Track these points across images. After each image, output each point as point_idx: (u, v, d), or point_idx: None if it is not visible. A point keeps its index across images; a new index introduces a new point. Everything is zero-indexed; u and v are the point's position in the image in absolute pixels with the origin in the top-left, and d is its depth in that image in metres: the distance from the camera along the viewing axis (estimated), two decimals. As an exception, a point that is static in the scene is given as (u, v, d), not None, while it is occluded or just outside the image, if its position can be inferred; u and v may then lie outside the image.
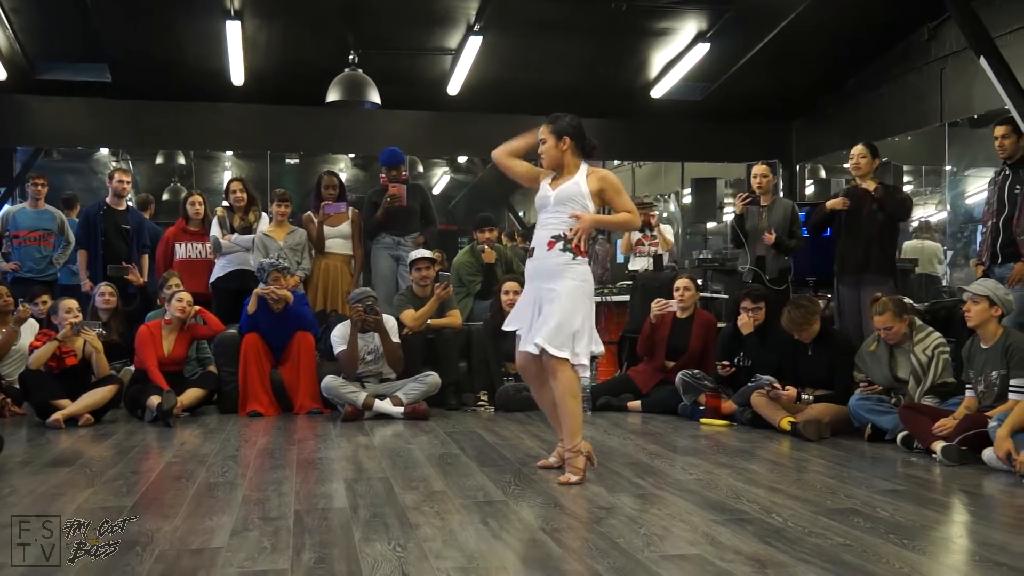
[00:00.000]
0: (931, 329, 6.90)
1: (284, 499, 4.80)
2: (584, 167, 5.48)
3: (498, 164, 5.83)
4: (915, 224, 12.39)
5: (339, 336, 8.05)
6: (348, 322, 8.03)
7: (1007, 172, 7.49)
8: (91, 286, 9.01)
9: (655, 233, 10.26)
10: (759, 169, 9.02)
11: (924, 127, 11.70)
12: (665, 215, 12.21)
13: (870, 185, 7.99)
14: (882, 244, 7.98)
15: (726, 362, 7.85)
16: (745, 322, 7.85)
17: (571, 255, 5.30)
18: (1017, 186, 7.36)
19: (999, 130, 7.47)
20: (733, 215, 9.31)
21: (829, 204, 8.16)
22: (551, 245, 5.35)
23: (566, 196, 5.39)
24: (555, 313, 5.22)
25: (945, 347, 6.76)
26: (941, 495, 5.14)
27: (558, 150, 5.46)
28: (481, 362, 8.67)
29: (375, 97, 11.25)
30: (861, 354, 7.14)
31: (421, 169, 15.70)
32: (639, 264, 10.60)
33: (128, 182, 9.75)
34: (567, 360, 5.17)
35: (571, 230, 5.30)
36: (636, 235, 10.31)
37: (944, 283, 11.19)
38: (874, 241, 7.96)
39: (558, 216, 5.38)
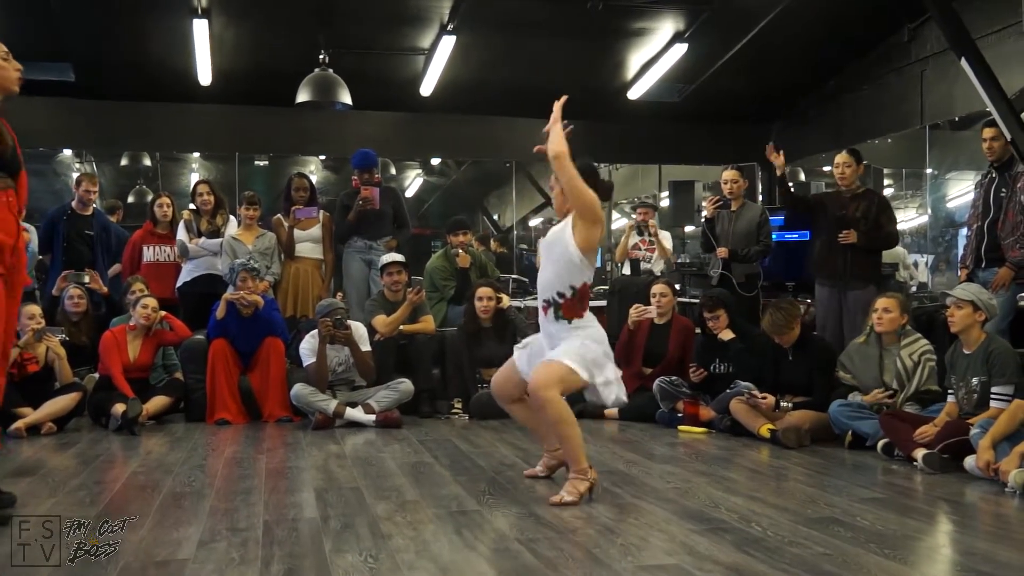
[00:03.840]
0: (919, 335, 6.94)
1: (253, 509, 4.78)
2: None
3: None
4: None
5: (308, 349, 8.02)
6: (316, 334, 8.00)
7: (993, 175, 7.55)
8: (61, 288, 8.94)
9: (652, 239, 10.27)
10: (729, 174, 9.10)
11: (905, 129, 11.77)
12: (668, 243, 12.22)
13: (858, 205, 8.03)
14: (866, 250, 8.01)
15: (702, 369, 7.90)
16: (719, 329, 7.91)
17: (567, 322, 5.07)
18: (1003, 189, 7.41)
19: (987, 132, 7.51)
20: (703, 219, 9.38)
21: (843, 237, 8.02)
22: (545, 310, 5.15)
23: (552, 240, 5.17)
24: (563, 345, 5.06)
25: (932, 355, 6.79)
26: (923, 503, 5.16)
27: (564, 197, 5.16)
28: (455, 369, 8.65)
29: (346, 98, 11.23)
30: (848, 352, 7.17)
31: (393, 171, 15.67)
32: (628, 268, 10.59)
33: (95, 191, 9.70)
34: (552, 391, 4.92)
35: (559, 294, 5.09)
36: (634, 239, 10.33)
37: (913, 288, 11.24)
38: (858, 247, 7.98)
39: (546, 269, 5.18)
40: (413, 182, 16.46)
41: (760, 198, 13.86)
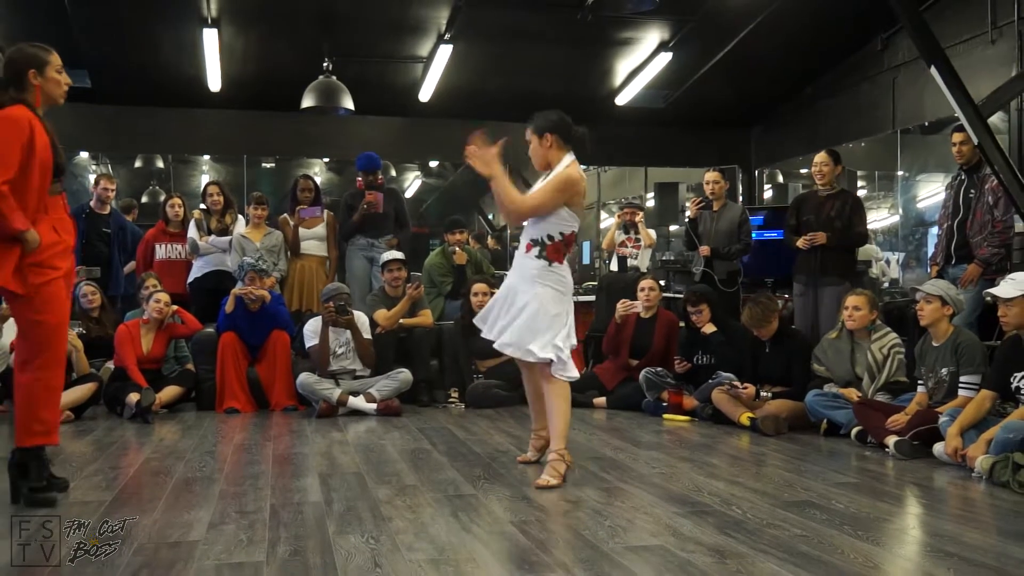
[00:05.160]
0: (889, 329, 6.96)
1: (260, 493, 4.78)
2: (567, 158, 5.22)
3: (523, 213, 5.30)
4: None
5: (311, 331, 8.06)
6: (320, 318, 8.03)
7: (963, 177, 7.56)
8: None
9: (639, 235, 10.24)
10: (711, 176, 9.11)
11: (877, 134, 11.75)
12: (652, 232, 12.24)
13: (832, 204, 8.02)
14: (838, 248, 8.00)
15: (685, 361, 7.92)
16: (702, 323, 7.92)
17: (546, 261, 5.13)
18: (972, 190, 7.43)
19: (957, 136, 7.50)
20: (687, 219, 9.39)
21: (803, 242, 8.02)
22: (528, 248, 5.20)
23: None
24: (526, 313, 5.10)
25: (901, 348, 6.81)
26: (894, 488, 5.16)
27: (543, 148, 5.26)
28: (452, 360, 8.66)
29: (349, 103, 11.21)
30: (822, 346, 7.17)
31: (394, 173, 15.62)
32: (616, 264, 10.58)
33: (112, 190, 9.68)
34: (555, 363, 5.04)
35: (548, 236, 5.16)
36: (620, 236, 10.31)
37: (885, 284, 11.23)
38: (830, 246, 7.96)
39: (535, 220, 5.22)
40: (412, 183, 16.43)
41: (740, 199, 13.85)
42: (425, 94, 12.33)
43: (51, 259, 4.47)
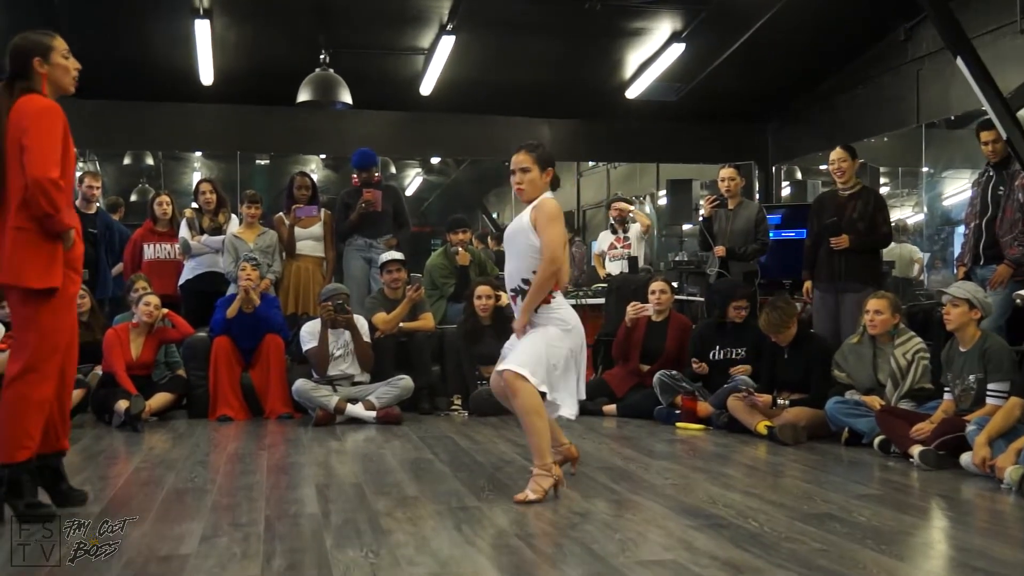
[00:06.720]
0: (913, 333, 6.92)
1: (254, 505, 4.78)
2: (548, 193, 5.17)
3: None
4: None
5: (308, 332, 8.08)
6: (318, 320, 8.04)
7: (991, 173, 7.52)
8: None
9: (628, 235, 10.25)
10: (726, 172, 9.10)
11: (900, 128, 11.76)
12: (647, 210, 12.23)
13: (854, 204, 7.97)
14: (861, 251, 7.96)
15: (703, 363, 7.91)
16: (739, 318, 7.93)
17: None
18: (1001, 187, 7.39)
19: (985, 135, 7.46)
20: (701, 218, 9.38)
21: (835, 243, 7.96)
22: (515, 299, 5.13)
23: (514, 231, 5.14)
24: (526, 343, 5.02)
25: (925, 353, 6.77)
26: (919, 500, 5.16)
27: (543, 181, 5.13)
28: (455, 366, 8.66)
29: (347, 97, 11.23)
30: (843, 351, 7.14)
31: (393, 170, 15.68)
32: (613, 268, 10.63)
33: (98, 187, 9.69)
34: (524, 376, 4.85)
35: (524, 281, 5.02)
36: (609, 238, 10.31)
37: (925, 286, 11.20)
38: (853, 248, 7.93)
39: (511, 261, 5.14)
40: (413, 181, 16.49)
41: (757, 196, 13.85)
42: (426, 87, 12.34)
43: (74, 262, 4.49)
